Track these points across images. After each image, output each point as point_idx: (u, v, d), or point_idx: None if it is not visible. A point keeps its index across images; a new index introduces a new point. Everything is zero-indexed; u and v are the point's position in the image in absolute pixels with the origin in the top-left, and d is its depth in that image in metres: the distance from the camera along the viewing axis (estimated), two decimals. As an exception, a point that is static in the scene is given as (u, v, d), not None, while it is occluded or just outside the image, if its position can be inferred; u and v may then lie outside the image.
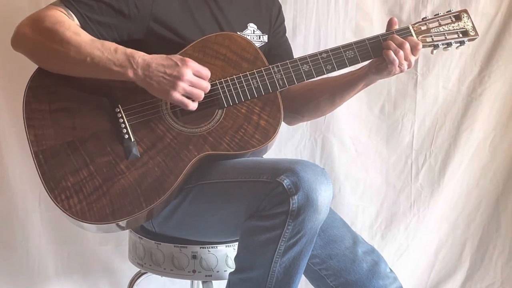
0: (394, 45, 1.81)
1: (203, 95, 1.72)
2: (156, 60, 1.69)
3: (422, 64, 2.69)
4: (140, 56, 1.69)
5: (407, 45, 1.82)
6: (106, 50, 1.68)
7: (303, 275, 1.74)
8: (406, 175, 2.78)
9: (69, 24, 1.71)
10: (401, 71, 1.84)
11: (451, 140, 2.75)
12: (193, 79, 1.69)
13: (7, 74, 2.38)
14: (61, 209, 1.66)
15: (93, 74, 1.72)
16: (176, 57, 1.70)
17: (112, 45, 1.70)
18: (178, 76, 1.67)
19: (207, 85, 1.72)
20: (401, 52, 1.81)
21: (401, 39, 1.83)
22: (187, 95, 1.70)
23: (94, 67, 1.69)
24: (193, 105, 1.71)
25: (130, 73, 1.68)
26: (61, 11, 1.74)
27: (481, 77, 2.71)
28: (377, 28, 2.57)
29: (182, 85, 1.68)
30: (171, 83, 1.67)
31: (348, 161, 2.73)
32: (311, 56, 1.85)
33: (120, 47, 1.70)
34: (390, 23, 1.90)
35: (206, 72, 1.72)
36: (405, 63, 1.83)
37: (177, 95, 1.68)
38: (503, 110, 2.76)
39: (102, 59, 1.68)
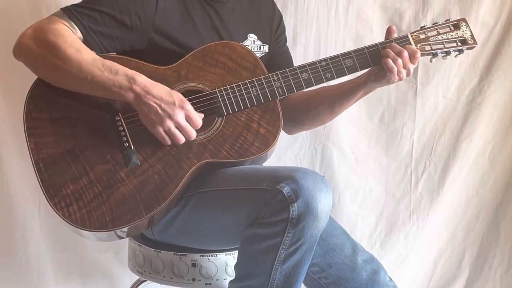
0: (393, 53, 1.82)
1: (183, 141, 1.73)
2: (157, 90, 1.70)
3: (422, 73, 2.69)
4: (142, 80, 1.70)
5: (406, 54, 1.82)
6: (107, 70, 1.69)
7: (302, 284, 1.74)
8: (405, 183, 2.78)
9: (71, 39, 1.72)
10: (400, 79, 1.84)
11: (450, 149, 2.76)
12: (181, 123, 1.71)
13: (7, 82, 2.38)
14: (61, 216, 1.66)
15: (92, 92, 1.73)
16: (177, 96, 1.71)
17: (114, 66, 1.70)
18: (170, 114, 1.69)
19: (193, 134, 1.73)
20: (400, 60, 1.81)
21: (400, 47, 1.83)
22: (169, 134, 1.71)
23: (94, 86, 1.69)
24: (169, 143, 1.73)
25: (129, 95, 1.69)
26: (64, 24, 1.74)
27: (480, 87, 2.72)
28: (377, 37, 2.58)
29: (169, 124, 1.70)
30: (160, 117, 1.69)
31: (347, 169, 2.73)
32: (310, 64, 1.86)
33: (122, 68, 1.71)
34: (388, 31, 1.90)
35: (198, 121, 1.73)
36: (404, 72, 1.83)
37: (160, 130, 1.71)
38: (503, 119, 2.76)
39: (102, 78, 1.69)
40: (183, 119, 1.71)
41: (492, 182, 2.81)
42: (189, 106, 1.72)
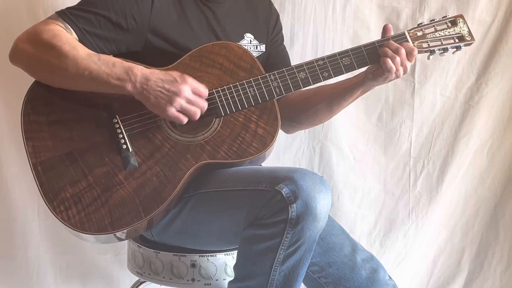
0: (391, 51, 1.81)
1: (199, 114, 1.72)
2: (155, 74, 1.69)
3: (420, 72, 2.70)
4: (139, 69, 1.69)
5: (403, 51, 1.82)
6: (104, 64, 1.69)
7: (302, 283, 1.74)
8: (404, 182, 2.78)
9: (66, 38, 1.71)
10: (397, 77, 1.84)
11: (449, 147, 2.76)
12: (191, 97, 1.70)
13: (5, 85, 2.38)
14: (60, 220, 1.66)
15: (92, 88, 1.72)
16: (175, 73, 1.70)
17: (110, 59, 1.70)
18: (176, 92, 1.68)
19: (204, 104, 1.73)
20: (398, 58, 1.81)
21: (397, 44, 1.83)
22: (183, 111, 1.70)
23: (93, 81, 1.69)
24: (185, 121, 1.72)
25: (129, 86, 1.68)
26: (59, 25, 1.74)
27: (478, 84, 2.72)
28: (375, 36, 2.56)
29: (180, 101, 1.68)
30: (169, 98, 1.68)
31: (346, 169, 2.73)
32: (307, 63, 1.85)
33: (118, 60, 1.71)
34: (384, 30, 1.90)
35: (204, 90, 1.73)
36: (401, 69, 1.83)
37: (173, 111, 1.69)
38: (501, 117, 2.76)
39: (99, 73, 1.68)
40: (190, 93, 1.70)
41: (490, 180, 2.82)
42: (190, 80, 1.71)
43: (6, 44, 1.78)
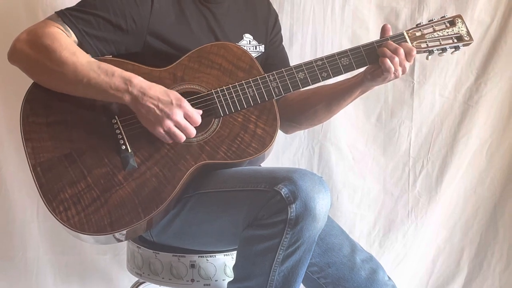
0: (389, 52, 1.82)
1: (184, 139, 1.72)
2: (153, 90, 1.70)
3: (419, 72, 2.70)
4: (138, 81, 1.69)
5: (402, 51, 1.82)
6: (103, 73, 1.69)
7: (301, 284, 1.74)
8: (403, 182, 2.78)
9: (66, 43, 1.71)
10: (396, 77, 1.84)
11: (448, 147, 2.76)
12: (181, 122, 1.70)
13: (5, 85, 2.38)
14: (59, 221, 1.66)
15: (89, 95, 1.72)
16: (174, 95, 1.71)
17: (110, 68, 1.70)
18: (168, 114, 1.68)
19: (193, 131, 1.73)
20: (396, 59, 1.81)
21: (396, 45, 1.83)
22: (169, 134, 1.71)
23: (91, 88, 1.69)
24: (170, 142, 1.73)
25: (126, 97, 1.69)
26: (59, 27, 1.74)
27: (477, 85, 2.72)
28: (374, 36, 2.55)
29: (168, 124, 1.69)
30: (159, 118, 1.68)
31: (345, 169, 2.74)
32: (306, 64, 1.85)
33: (118, 70, 1.70)
34: (383, 30, 1.90)
35: (197, 118, 1.73)
36: (399, 69, 1.83)
37: (160, 130, 1.70)
38: (500, 117, 2.76)
39: (98, 81, 1.68)
40: (181, 118, 1.70)
41: (490, 180, 2.82)
42: (186, 104, 1.71)
43: (6, 45, 1.78)
